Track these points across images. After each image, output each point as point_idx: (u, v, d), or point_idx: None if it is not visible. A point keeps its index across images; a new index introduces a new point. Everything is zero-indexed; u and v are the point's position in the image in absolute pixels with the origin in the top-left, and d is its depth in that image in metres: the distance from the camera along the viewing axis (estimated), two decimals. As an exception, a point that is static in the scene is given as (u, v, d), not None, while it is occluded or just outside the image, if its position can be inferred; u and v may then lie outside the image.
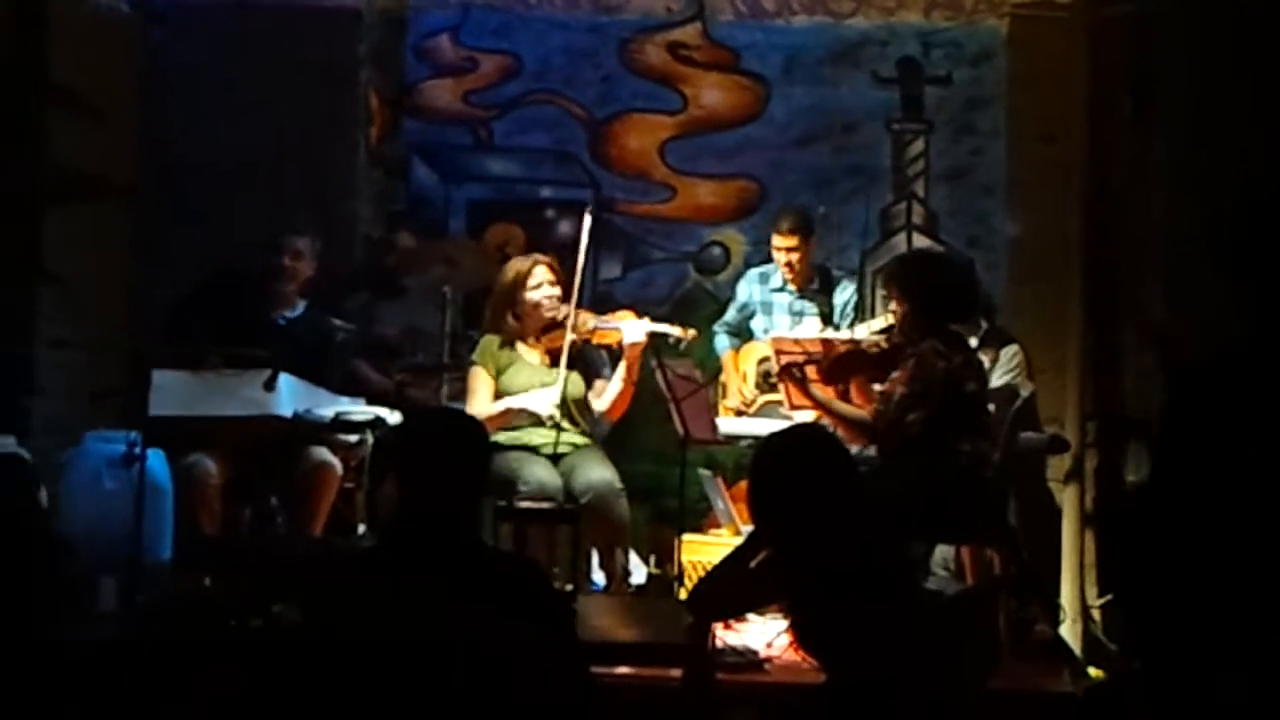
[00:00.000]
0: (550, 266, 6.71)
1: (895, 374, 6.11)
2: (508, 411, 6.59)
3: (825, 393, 6.47)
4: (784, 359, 6.54)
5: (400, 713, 3.41)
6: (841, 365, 6.44)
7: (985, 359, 6.61)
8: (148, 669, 2.51)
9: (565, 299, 6.71)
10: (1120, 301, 7.38)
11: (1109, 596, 6.68)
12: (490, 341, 6.71)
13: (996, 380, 6.89)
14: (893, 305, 6.34)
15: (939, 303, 6.14)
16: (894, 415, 6.01)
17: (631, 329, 6.56)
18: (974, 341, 6.56)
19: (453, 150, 8.61)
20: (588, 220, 6.74)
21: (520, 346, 6.72)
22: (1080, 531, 7.10)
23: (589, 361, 6.77)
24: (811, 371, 6.49)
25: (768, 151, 8.46)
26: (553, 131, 8.55)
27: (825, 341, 6.76)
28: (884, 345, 6.38)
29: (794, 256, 7.47)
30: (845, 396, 6.52)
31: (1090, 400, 7.29)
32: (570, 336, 6.55)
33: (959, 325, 6.22)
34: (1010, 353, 7.33)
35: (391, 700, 3.39)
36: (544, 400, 6.49)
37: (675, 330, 6.60)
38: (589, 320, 6.65)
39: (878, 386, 6.31)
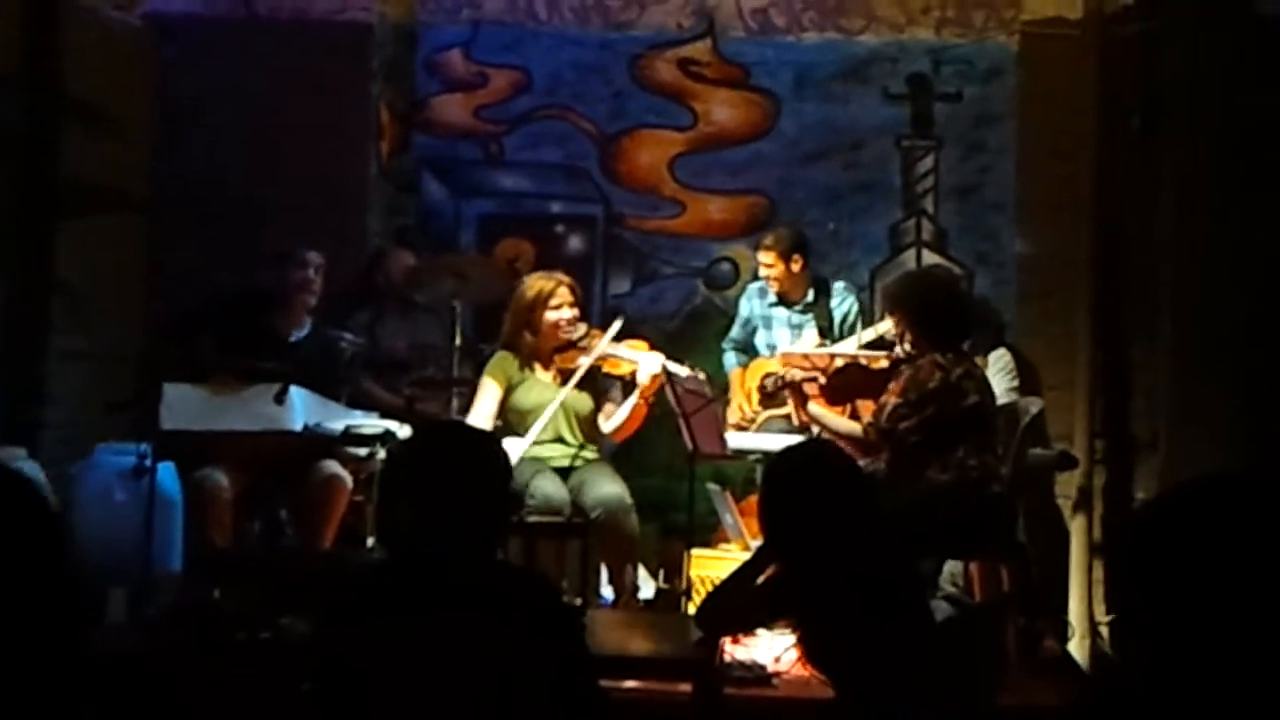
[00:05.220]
0: (572, 288, 6.71)
1: (890, 385, 6.14)
2: None
3: (822, 408, 6.50)
4: (791, 374, 6.55)
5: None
6: (845, 385, 6.45)
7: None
8: (158, 679, 2.51)
9: (582, 319, 6.73)
10: (1129, 319, 7.40)
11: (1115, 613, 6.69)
12: (505, 357, 6.70)
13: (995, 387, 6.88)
14: (893, 324, 6.39)
15: (931, 319, 6.15)
16: (886, 425, 6.02)
17: (647, 364, 6.55)
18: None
19: (463, 165, 8.61)
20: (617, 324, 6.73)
21: (534, 364, 6.72)
22: (1088, 548, 7.12)
23: (598, 382, 6.75)
24: (813, 389, 6.53)
25: (777, 167, 8.47)
26: (563, 147, 8.56)
27: (833, 356, 6.78)
28: (886, 362, 6.40)
29: (772, 273, 7.47)
30: (855, 416, 6.54)
31: (1099, 418, 7.32)
32: (588, 360, 6.56)
33: (952, 339, 6.21)
34: (997, 356, 7.33)
35: (400, 715, 3.40)
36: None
37: (685, 370, 6.59)
38: (604, 344, 6.64)
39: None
